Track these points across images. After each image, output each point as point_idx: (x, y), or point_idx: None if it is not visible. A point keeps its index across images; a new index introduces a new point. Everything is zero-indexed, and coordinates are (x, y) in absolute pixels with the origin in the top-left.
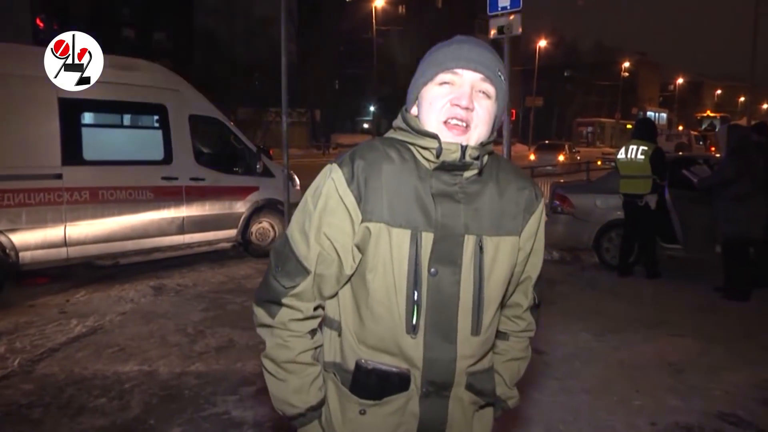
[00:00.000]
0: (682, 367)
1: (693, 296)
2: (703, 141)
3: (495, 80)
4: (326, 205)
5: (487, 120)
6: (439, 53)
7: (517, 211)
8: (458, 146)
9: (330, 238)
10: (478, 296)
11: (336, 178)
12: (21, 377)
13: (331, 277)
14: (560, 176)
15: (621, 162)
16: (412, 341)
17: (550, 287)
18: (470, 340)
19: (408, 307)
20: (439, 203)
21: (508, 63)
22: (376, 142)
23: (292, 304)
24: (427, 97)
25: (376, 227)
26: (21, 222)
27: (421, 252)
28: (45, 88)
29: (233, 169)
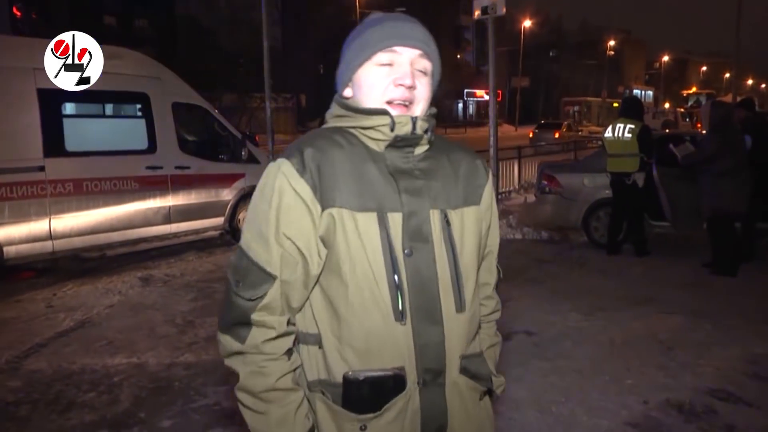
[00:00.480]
0: (672, 344)
1: (681, 273)
2: (690, 118)
3: (432, 56)
4: (281, 201)
5: (427, 97)
6: (373, 32)
7: (474, 183)
8: (408, 118)
9: (290, 237)
10: (455, 271)
11: (286, 172)
12: (7, 374)
13: (298, 282)
14: (558, 154)
15: (608, 140)
16: (402, 329)
17: (539, 267)
18: (457, 319)
19: (392, 293)
20: (400, 180)
21: (493, 44)
22: (318, 131)
23: (262, 320)
24: (366, 79)
25: (339, 213)
26: (4, 216)
27: (391, 233)
28: (23, 78)
29: (219, 156)
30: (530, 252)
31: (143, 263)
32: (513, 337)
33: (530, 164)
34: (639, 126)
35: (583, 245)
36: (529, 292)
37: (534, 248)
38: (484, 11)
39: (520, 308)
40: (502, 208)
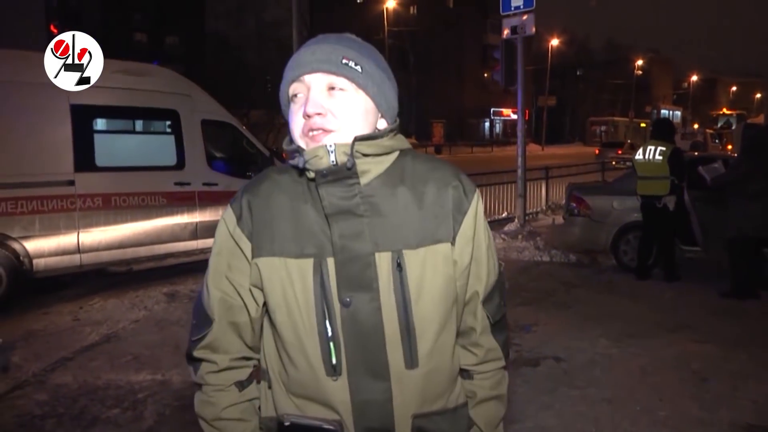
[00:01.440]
0: (706, 374)
1: (713, 299)
2: (719, 139)
3: (342, 70)
4: (222, 247)
5: (352, 115)
6: (285, 69)
7: (444, 214)
8: (324, 149)
9: (232, 281)
10: (405, 322)
11: (227, 218)
12: (34, 387)
13: (247, 325)
14: (586, 175)
15: (638, 163)
16: (336, 384)
17: (567, 290)
18: (408, 375)
19: (323, 346)
20: (335, 222)
21: (522, 62)
22: (268, 171)
23: (205, 357)
24: (288, 118)
25: (267, 263)
26: (34, 229)
27: (327, 281)
28: (58, 95)
29: (246, 173)
30: (558, 275)
31: (169, 279)
32: (541, 362)
33: (558, 185)
34: (670, 148)
35: (611, 269)
36: (557, 316)
37: (562, 271)
38: (514, 31)
39: (549, 333)
40: (530, 229)
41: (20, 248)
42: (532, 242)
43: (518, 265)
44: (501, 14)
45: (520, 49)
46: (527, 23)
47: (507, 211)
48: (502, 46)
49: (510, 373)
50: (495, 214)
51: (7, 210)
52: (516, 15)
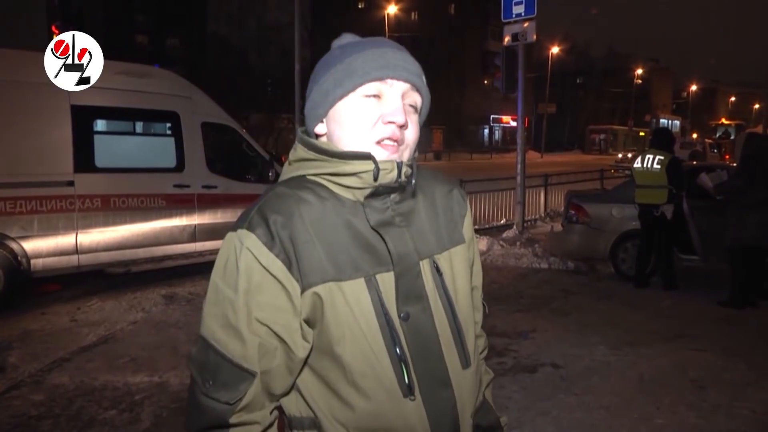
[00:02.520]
0: (703, 383)
1: (711, 308)
2: (718, 149)
3: (423, 89)
4: (250, 283)
5: (416, 139)
6: (357, 59)
7: (453, 217)
8: (393, 164)
9: (265, 322)
10: (455, 323)
11: (252, 247)
12: (31, 387)
13: (280, 369)
14: (584, 182)
15: (637, 171)
16: (413, 404)
17: (565, 298)
18: (464, 375)
19: (395, 367)
20: (386, 233)
21: (523, 70)
22: (281, 188)
23: (243, 421)
24: (349, 113)
25: (326, 289)
26: (33, 229)
27: (383, 298)
28: (58, 95)
29: (246, 176)
30: (556, 282)
31: (168, 281)
32: (539, 369)
33: (557, 192)
34: (668, 158)
35: (610, 277)
36: (556, 323)
37: (560, 278)
38: (515, 38)
39: (546, 340)
40: (528, 236)
41: (18, 248)
42: (531, 249)
43: (516, 272)
44: (502, 21)
45: (521, 56)
46: (528, 30)
47: (506, 218)
48: (503, 53)
49: (508, 380)
50: (494, 220)
51: (5, 210)
52: (517, 22)
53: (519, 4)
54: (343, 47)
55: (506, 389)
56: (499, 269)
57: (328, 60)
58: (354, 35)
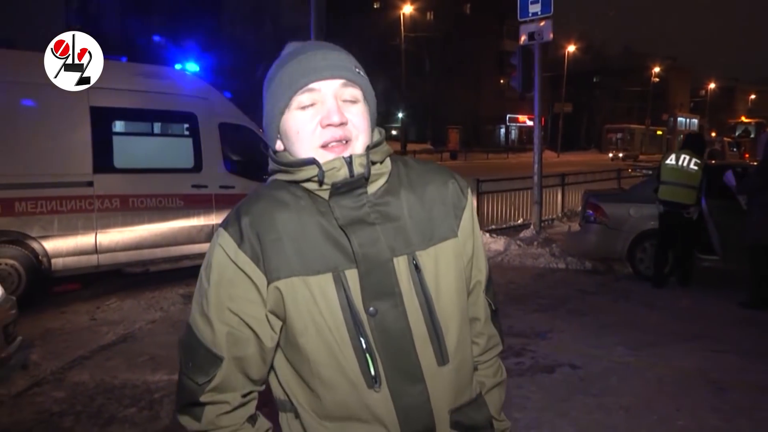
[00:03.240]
0: (724, 385)
1: (731, 309)
2: (738, 148)
3: (357, 79)
4: (221, 276)
5: (366, 125)
6: (285, 72)
7: (447, 211)
8: (341, 161)
9: (236, 312)
10: (431, 321)
11: (224, 244)
12: (52, 384)
13: (254, 358)
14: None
15: (669, 167)
16: (378, 395)
17: (582, 298)
18: (440, 372)
19: (360, 359)
20: (352, 232)
21: (539, 69)
22: (261, 190)
23: (214, 399)
24: (291, 127)
25: (287, 284)
26: (53, 229)
27: (351, 293)
28: (77, 97)
29: (263, 176)
30: (573, 282)
31: (185, 280)
32: (557, 370)
33: (574, 192)
34: (703, 162)
35: (627, 277)
36: (573, 323)
37: (577, 279)
38: (531, 37)
39: (564, 340)
40: (545, 236)
41: (39, 248)
42: (548, 249)
43: (534, 271)
44: (518, 20)
45: (537, 55)
46: (545, 29)
47: (522, 218)
48: (519, 53)
49: (525, 380)
50: (510, 220)
51: (26, 210)
52: (533, 21)
53: (535, 2)
54: (277, 62)
55: (524, 389)
56: (516, 269)
57: (266, 80)
58: (297, 42)
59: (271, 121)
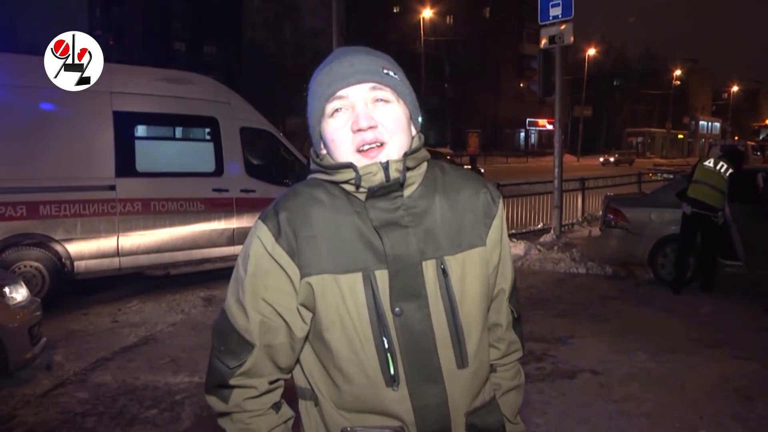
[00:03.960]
0: (749, 393)
1: (755, 315)
2: (761, 152)
3: (386, 80)
4: (257, 266)
5: (399, 126)
6: (317, 83)
7: (477, 219)
8: (378, 166)
9: (270, 302)
10: (454, 324)
11: (262, 236)
12: (76, 385)
13: (284, 346)
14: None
15: (705, 168)
16: (396, 394)
17: (603, 303)
18: (459, 375)
19: (381, 358)
20: (385, 234)
21: (560, 73)
22: (299, 187)
23: (242, 383)
24: (327, 134)
25: (318, 280)
26: (76, 232)
27: (378, 293)
28: (101, 101)
29: (284, 180)
30: (594, 287)
31: (206, 283)
32: (578, 375)
33: (594, 196)
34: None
35: (648, 282)
36: (594, 329)
37: (598, 284)
38: (552, 40)
39: (585, 346)
40: (565, 241)
41: (62, 250)
42: (568, 254)
43: (554, 276)
44: (539, 24)
45: (558, 58)
46: (565, 33)
47: (543, 222)
48: (539, 56)
49: (546, 385)
50: (531, 224)
51: (50, 213)
52: (554, 24)
53: (556, 6)
54: (314, 75)
55: (545, 395)
56: (536, 274)
57: (309, 85)
58: (340, 49)
59: (313, 128)
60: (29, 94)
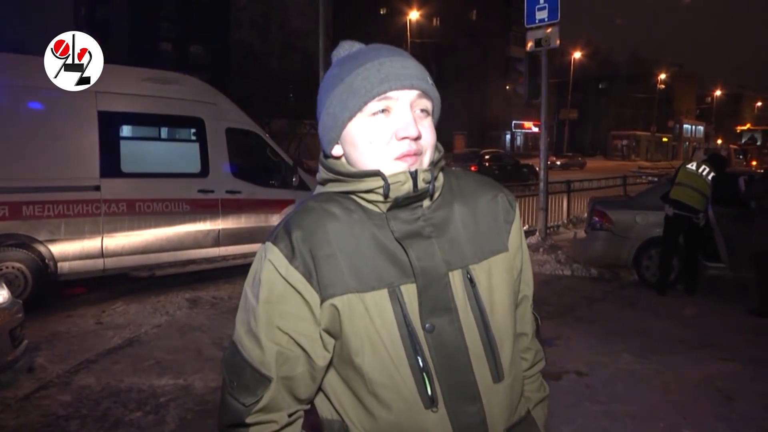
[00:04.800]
0: (731, 393)
1: (737, 317)
2: (744, 155)
3: (431, 92)
4: (271, 292)
5: (433, 142)
6: (357, 77)
7: (498, 224)
8: (407, 175)
9: (287, 331)
10: (487, 336)
11: (274, 259)
12: (59, 388)
13: (303, 377)
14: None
15: (688, 171)
16: (435, 416)
17: (589, 305)
18: (495, 390)
19: (417, 378)
20: (410, 246)
21: (545, 76)
22: (310, 203)
23: (259, 420)
24: (360, 135)
25: (344, 301)
26: (60, 233)
27: (407, 309)
28: (85, 101)
29: (269, 182)
30: (580, 289)
31: (191, 285)
32: (563, 377)
33: (579, 199)
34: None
35: (633, 284)
36: (580, 330)
37: (583, 285)
38: (538, 43)
39: (571, 347)
40: (551, 243)
41: (46, 251)
42: (554, 256)
43: (539, 278)
44: (525, 27)
45: (544, 62)
46: (552, 36)
47: (528, 224)
48: (526, 59)
49: None
50: None
51: (34, 213)
52: (540, 28)
53: (542, 9)
54: (342, 62)
55: None
56: None
57: (330, 80)
58: (352, 42)
59: (335, 125)
60: (12, 93)
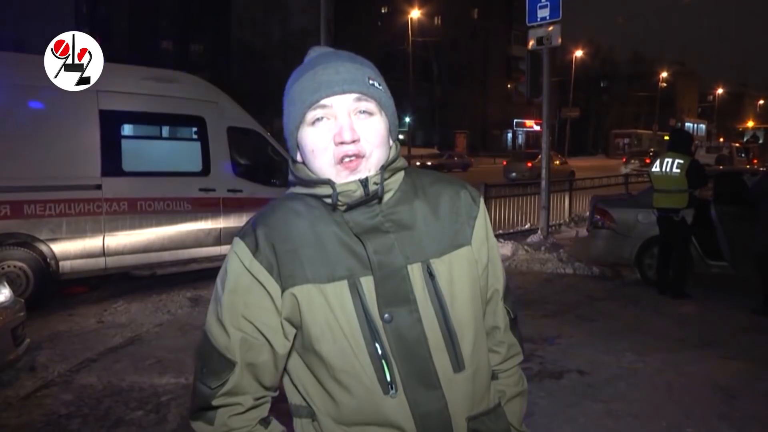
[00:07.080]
0: (734, 392)
1: (740, 316)
2: (746, 153)
3: (371, 91)
4: (237, 283)
5: (381, 139)
6: (298, 87)
7: (460, 220)
8: (357, 183)
9: (251, 319)
10: (446, 328)
11: (240, 252)
12: (60, 387)
13: (267, 365)
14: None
15: (655, 175)
16: (394, 402)
17: (591, 303)
18: (456, 379)
19: (375, 364)
20: (368, 240)
21: (547, 74)
22: (277, 201)
23: (225, 402)
24: (305, 143)
25: (303, 291)
26: (61, 232)
27: (366, 300)
28: (87, 100)
29: (271, 180)
30: (581, 288)
31: (193, 284)
32: (565, 375)
33: (581, 197)
34: (688, 161)
35: (635, 283)
36: (582, 329)
37: (585, 284)
38: (539, 42)
39: (572, 346)
40: (553, 241)
41: (47, 250)
42: (556, 254)
43: (541, 277)
44: (527, 25)
45: (545, 60)
46: (553, 34)
47: (530, 223)
48: (527, 58)
49: (533, 386)
50: (518, 225)
51: (35, 212)
52: (542, 26)
53: (544, 7)
54: (294, 75)
55: (532, 395)
56: (523, 274)
57: (286, 89)
58: (319, 48)
59: (290, 134)
60: (14, 91)
